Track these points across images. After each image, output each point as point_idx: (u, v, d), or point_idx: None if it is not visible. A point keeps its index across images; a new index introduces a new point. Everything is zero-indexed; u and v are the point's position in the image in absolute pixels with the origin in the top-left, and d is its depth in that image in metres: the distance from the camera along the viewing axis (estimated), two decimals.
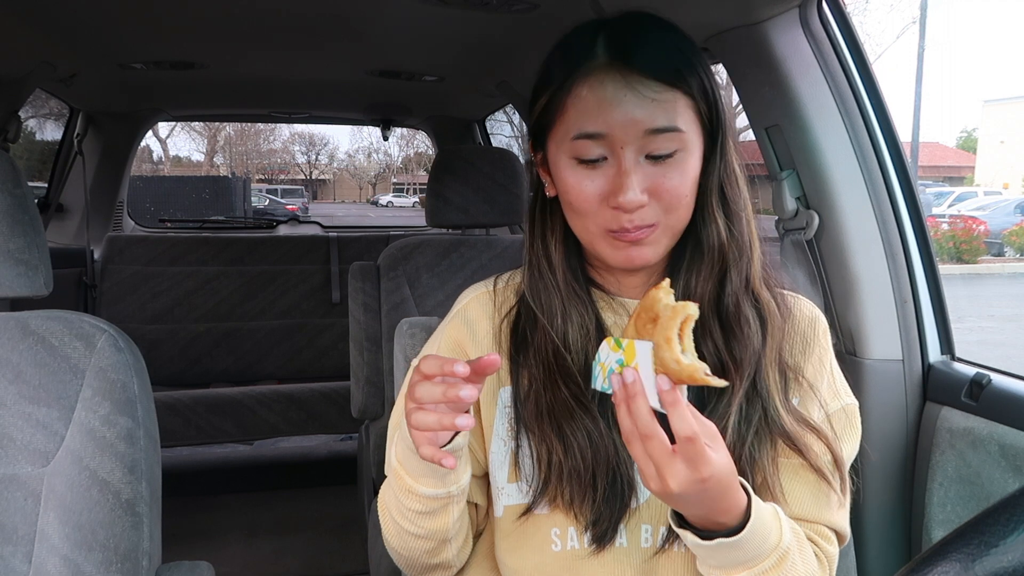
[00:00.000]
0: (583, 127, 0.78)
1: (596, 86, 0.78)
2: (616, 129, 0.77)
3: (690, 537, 0.73)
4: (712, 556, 0.73)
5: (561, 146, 0.81)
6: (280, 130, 33.35)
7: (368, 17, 1.70)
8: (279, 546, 2.51)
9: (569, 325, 0.85)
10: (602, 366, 0.70)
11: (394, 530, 0.86)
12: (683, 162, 0.79)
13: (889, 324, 1.31)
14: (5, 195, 0.97)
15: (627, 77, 0.77)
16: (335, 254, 3.03)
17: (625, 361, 0.68)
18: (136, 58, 2.09)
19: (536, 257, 0.89)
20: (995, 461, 1.14)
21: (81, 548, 0.92)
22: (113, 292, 2.85)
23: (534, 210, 0.90)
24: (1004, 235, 9.92)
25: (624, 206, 0.77)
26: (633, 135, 0.77)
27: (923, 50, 20.56)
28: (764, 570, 0.73)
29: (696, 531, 0.73)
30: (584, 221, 0.82)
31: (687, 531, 0.73)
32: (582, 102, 0.79)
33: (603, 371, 0.70)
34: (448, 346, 0.93)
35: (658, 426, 0.66)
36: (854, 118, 1.29)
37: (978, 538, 0.41)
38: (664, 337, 0.66)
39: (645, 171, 0.78)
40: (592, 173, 0.80)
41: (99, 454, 0.94)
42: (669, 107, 0.77)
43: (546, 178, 0.87)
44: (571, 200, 0.82)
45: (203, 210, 11.16)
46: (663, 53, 0.79)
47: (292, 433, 2.94)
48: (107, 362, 0.96)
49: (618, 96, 0.77)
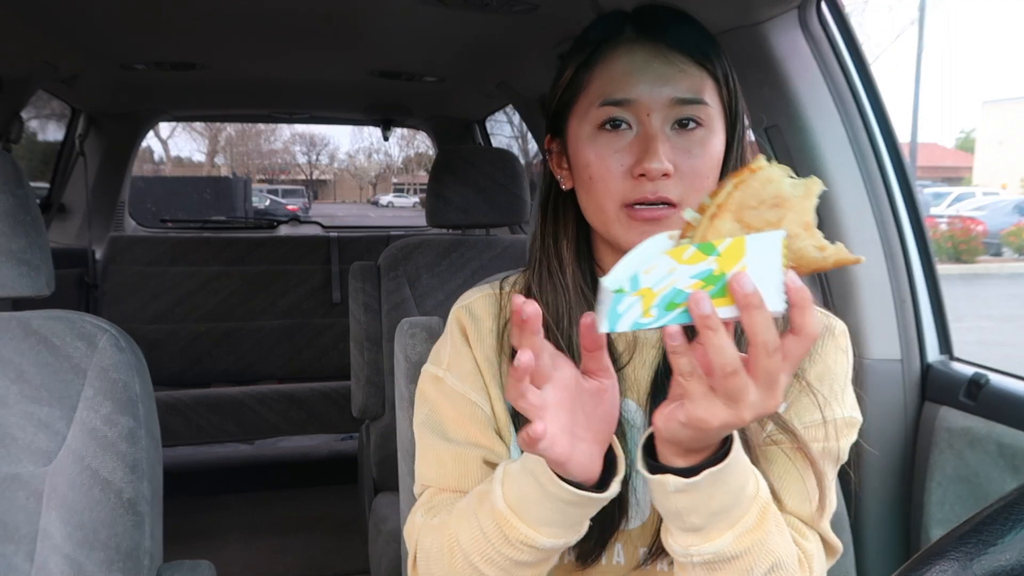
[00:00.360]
0: (611, 93, 0.77)
1: (624, 54, 0.78)
2: (644, 95, 0.76)
3: (672, 481, 0.62)
4: (693, 502, 0.63)
5: (584, 119, 0.80)
6: (281, 130, 33.32)
7: (368, 18, 1.70)
8: (279, 545, 2.51)
9: (575, 328, 0.80)
10: (645, 294, 0.53)
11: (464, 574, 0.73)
12: (707, 140, 0.78)
13: (888, 324, 1.32)
14: (7, 195, 0.97)
15: (657, 46, 0.77)
16: (336, 254, 3.04)
17: (721, 268, 0.53)
18: (137, 59, 2.09)
19: (546, 255, 0.85)
20: (993, 460, 1.15)
21: (83, 547, 0.92)
22: (114, 292, 2.85)
23: (546, 206, 0.87)
24: (1002, 235, 9.93)
25: (650, 172, 0.74)
26: (661, 102, 0.76)
27: (922, 51, 20.59)
28: (746, 528, 0.65)
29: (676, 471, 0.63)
30: (601, 198, 0.78)
31: (668, 475, 0.63)
32: (609, 71, 0.78)
33: (645, 301, 0.54)
34: (460, 339, 0.88)
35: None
36: (853, 119, 1.29)
37: (976, 537, 0.41)
38: (803, 222, 0.54)
39: (671, 142, 0.77)
40: (616, 142, 0.77)
41: (101, 453, 0.94)
42: (697, 81, 0.77)
43: (560, 172, 0.85)
44: (592, 173, 0.78)
45: (204, 210, 11.14)
46: (691, 33, 0.80)
47: (293, 433, 2.94)
48: (109, 362, 0.97)
49: (648, 62, 0.77)
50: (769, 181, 0.55)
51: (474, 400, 0.84)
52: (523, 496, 0.68)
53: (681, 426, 0.59)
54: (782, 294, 0.54)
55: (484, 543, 0.70)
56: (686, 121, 0.77)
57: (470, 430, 0.83)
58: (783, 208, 0.55)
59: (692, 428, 0.59)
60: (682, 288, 0.53)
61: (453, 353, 0.87)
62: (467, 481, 0.81)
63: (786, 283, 0.54)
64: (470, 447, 0.83)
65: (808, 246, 0.54)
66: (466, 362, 0.86)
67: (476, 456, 0.82)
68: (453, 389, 0.85)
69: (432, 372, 0.89)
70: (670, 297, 0.54)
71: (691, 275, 0.53)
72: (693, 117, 0.77)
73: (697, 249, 0.53)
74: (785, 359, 0.56)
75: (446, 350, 0.88)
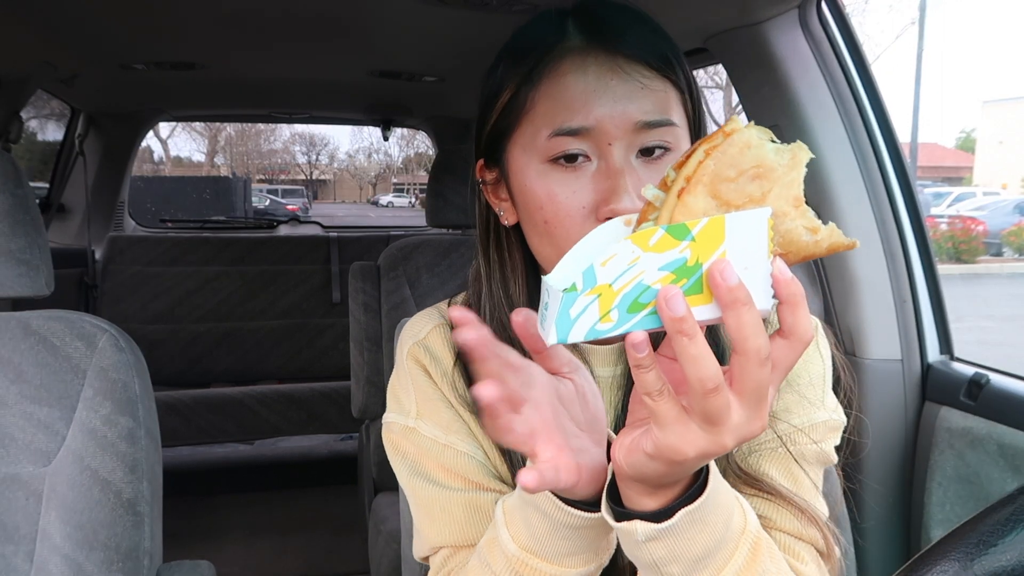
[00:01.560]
0: (563, 121, 0.65)
1: (574, 70, 0.65)
2: (604, 121, 0.64)
3: (642, 529, 0.52)
4: (671, 550, 0.53)
5: (530, 150, 0.67)
6: (281, 130, 33.36)
7: (368, 18, 1.70)
8: (279, 545, 2.51)
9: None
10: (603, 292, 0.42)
11: None
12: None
13: (888, 324, 1.32)
14: (7, 195, 0.97)
15: (613, 58, 0.65)
16: (335, 254, 3.04)
17: (695, 258, 0.42)
18: (137, 59, 2.09)
19: (495, 305, 0.72)
20: (994, 460, 1.15)
21: (83, 547, 0.92)
22: (114, 292, 2.85)
23: (487, 245, 0.74)
24: (1003, 235, 9.93)
25: (621, 214, 0.61)
26: (623, 129, 0.64)
27: (922, 51, 20.57)
28: (737, 570, 0.54)
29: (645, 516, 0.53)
30: (561, 243, 0.66)
31: (636, 521, 0.52)
32: (558, 90, 0.65)
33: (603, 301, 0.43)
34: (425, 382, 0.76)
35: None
36: (853, 118, 1.29)
37: (977, 537, 0.41)
38: (792, 197, 0.44)
39: (638, 172, 0.65)
40: (572, 178, 0.65)
41: (100, 454, 0.94)
42: (661, 96, 0.66)
43: (499, 204, 0.73)
44: (546, 216, 0.66)
45: (204, 210, 11.14)
46: (648, 35, 0.67)
47: (292, 433, 2.94)
48: (108, 362, 0.96)
49: (603, 82, 0.64)
50: (748, 146, 0.44)
51: (464, 451, 0.72)
52: (533, 533, 0.58)
53: (648, 458, 0.49)
54: (769, 288, 0.44)
55: None
56: (652, 148, 0.66)
57: (470, 480, 0.72)
58: (766, 180, 0.45)
59: (662, 460, 0.48)
60: (649, 283, 0.43)
61: (422, 399, 0.75)
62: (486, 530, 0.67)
63: (773, 274, 0.44)
64: (479, 492, 0.71)
65: (798, 227, 0.45)
66: (441, 409, 0.74)
67: (490, 500, 0.70)
68: (435, 441, 0.73)
69: (401, 424, 0.76)
70: (634, 295, 0.43)
71: (659, 266, 0.42)
72: (660, 143, 0.66)
73: (666, 233, 0.42)
74: (774, 369, 0.46)
75: (410, 396, 0.76)
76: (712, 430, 0.46)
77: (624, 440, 0.51)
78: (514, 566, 0.59)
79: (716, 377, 0.44)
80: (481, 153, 0.74)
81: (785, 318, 0.46)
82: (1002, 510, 0.42)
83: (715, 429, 0.46)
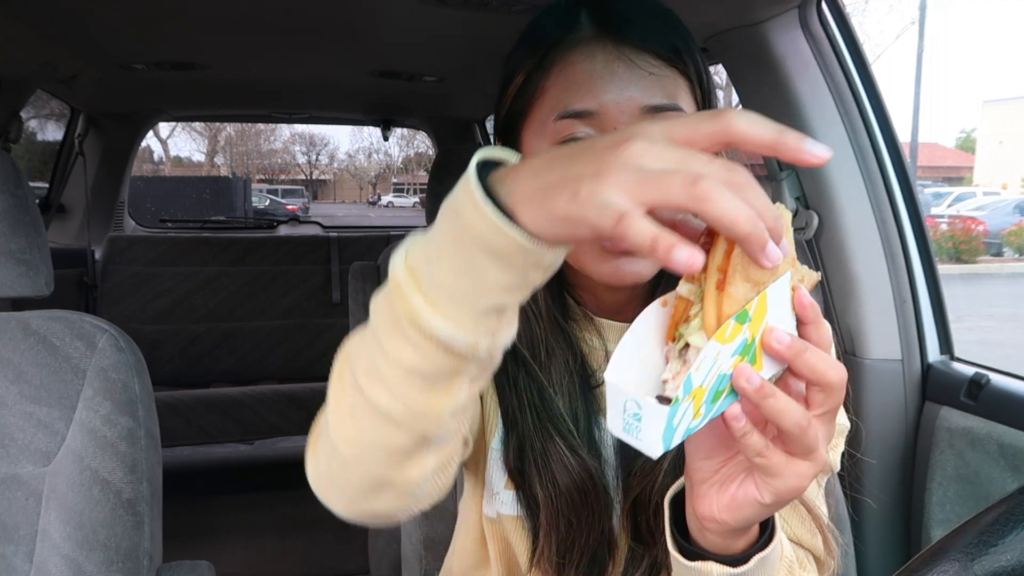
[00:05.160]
0: (569, 104, 0.66)
1: (583, 58, 0.67)
2: (609, 106, 0.65)
3: (717, 571, 0.55)
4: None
5: (540, 133, 0.69)
6: (280, 130, 33.33)
7: (368, 18, 1.70)
8: (280, 546, 2.51)
9: (552, 360, 0.73)
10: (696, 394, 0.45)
11: (349, 402, 0.53)
12: None
13: (888, 324, 1.32)
14: (7, 195, 0.97)
15: (620, 48, 0.66)
16: (335, 254, 3.04)
17: (752, 335, 0.47)
18: (137, 59, 2.09)
19: None
20: (994, 460, 1.15)
21: (82, 547, 0.92)
22: (114, 292, 2.85)
23: None
24: (1003, 235, 9.93)
25: None
26: (628, 113, 0.66)
27: (922, 51, 20.58)
28: None
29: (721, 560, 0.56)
30: None
31: (712, 562, 0.55)
32: (566, 76, 0.67)
33: (696, 402, 0.46)
34: None
35: None
36: (853, 118, 1.29)
37: (977, 537, 0.41)
38: (791, 259, 0.49)
39: None
40: None
41: (100, 454, 0.94)
42: (668, 84, 0.67)
43: None
44: None
45: (204, 210, 11.14)
46: (659, 26, 0.69)
47: (293, 433, 2.94)
48: (108, 362, 0.96)
49: (610, 68, 0.66)
50: None
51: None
52: (431, 251, 0.48)
53: (764, 508, 0.51)
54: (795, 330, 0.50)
55: (370, 345, 0.51)
56: None
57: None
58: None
59: (780, 504, 0.51)
60: (726, 372, 0.46)
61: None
62: None
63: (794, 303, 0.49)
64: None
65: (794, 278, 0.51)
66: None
67: None
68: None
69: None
70: (716, 386, 0.46)
71: (731, 353, 0.46)
72: None
73: (736, 322, 0.46)
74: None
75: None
76: (814, 456, 0.49)
77: (718, 501, 0.53)
78: (392, 295, 0.49)
79: (806, 415, 0.48)
80: (499, 136, 0.76)
81: (811, 336, 0.50)
82: (1002, 510, 0.42)
83: (815, 455, 0.49)
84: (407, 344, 0.48)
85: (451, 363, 0.48)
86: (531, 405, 0.72)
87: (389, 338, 0.49)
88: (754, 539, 0.56)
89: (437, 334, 0.46)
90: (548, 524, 0.71)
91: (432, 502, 0.59)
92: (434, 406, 0.50)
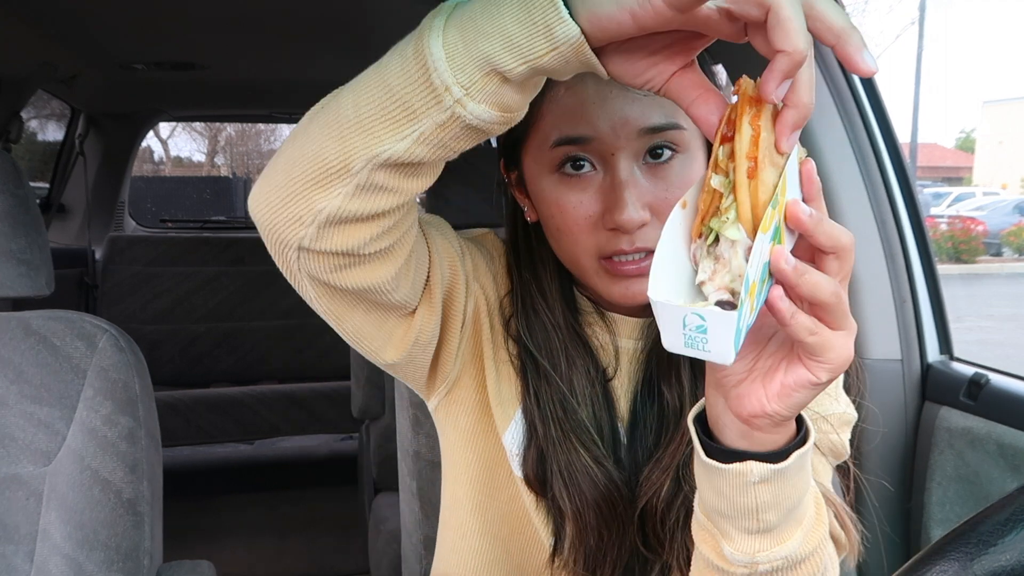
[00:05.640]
0: (564, 132, 0.66)
1: (574, 84, 0.65)
2: (604, 131, 0.65)
3: (758, 469, 0.53)
4: (776, 494, 0.54)
5: (539, 159, 0.69)
6: (281, 130, 33.11)
7: (368, 18, 1.70)
8: (280, 546, 2.51)
9: (574, 370, 0.72)
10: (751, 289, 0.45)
11: (320, 107, 0.58)
12: (685, 169, 0.67)
13: (888, 324, 1.32)
14: (7, 195, 0.97)
15: None
16: None
17: (780, 217, 0.46)
18: (137, 59, 2.09)
19: (527, 292, 0.74)
20: (994, 460, 1.15)
21: (83, 547, 0.92)
22: (114, 292, 2.85)
23: (515, 240, 0.77)
24: (1002, 235, 9.93)
25: (623, 226, 0.64)
26: (625, 137, 0.65)
27: (922, 51, 20.59)
28: (811, 523, 0.56)
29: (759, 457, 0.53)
30: (572, 251, 0.69)
31: (751, 462, 0.53)
32: (558, 104, 0.66)
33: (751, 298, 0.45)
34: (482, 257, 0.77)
35: None
36: (853, 119, 1.29)
37: (976, 537, 0.41)
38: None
39: (643, 182, 0.66)
40: (579, 188, 0.67)
41: (101, 453, 0.94)
42: (666, 102, 0.62)
43: (524, 201, 0.75)
44: (557, 224, 0.68)
45: (204, 210, 11.12)
46: None
47: (292, 433, 2.94)
48: (108, 362, 0.96)
49: (601, 94, 0.65)
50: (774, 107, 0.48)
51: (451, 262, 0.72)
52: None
53: (815, 388, 0.51)
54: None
55: (373, 77, 0.54)
56: (659, 151, 0.66)
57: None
58: (758, 110, 0.49)
59: (834, 377, 0.51)
60: (768, 259, 0.45)
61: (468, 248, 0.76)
62: None
63: (800, 175, 0.49)
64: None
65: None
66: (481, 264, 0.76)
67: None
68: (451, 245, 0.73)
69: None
70: (763, 276, 0.46)
71: (768, 240, 0.45)
72: (667, 144, 0.66)
73: (772, 209, 0.45)
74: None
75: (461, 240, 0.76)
76: (849, 324, 0.51)
77: (766, 393, 0.52)
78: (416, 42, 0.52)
79: (835, 284, 0.49)
80: (503, 158, 0.77)
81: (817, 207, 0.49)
82: (1002, 510, 0.43)
83: (849, 321, 0.51)
84: (400, 59, 0.51)
85: (418, 96, 0.50)
86: (554, 418, 0.71)
87: (392, 54, 0.53)
88: (791, 436, 0.54)
89: (428, 53, 0.50)
90: (576, 536, 0.71)
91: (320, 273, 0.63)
92: (372, 139, 0.52)
